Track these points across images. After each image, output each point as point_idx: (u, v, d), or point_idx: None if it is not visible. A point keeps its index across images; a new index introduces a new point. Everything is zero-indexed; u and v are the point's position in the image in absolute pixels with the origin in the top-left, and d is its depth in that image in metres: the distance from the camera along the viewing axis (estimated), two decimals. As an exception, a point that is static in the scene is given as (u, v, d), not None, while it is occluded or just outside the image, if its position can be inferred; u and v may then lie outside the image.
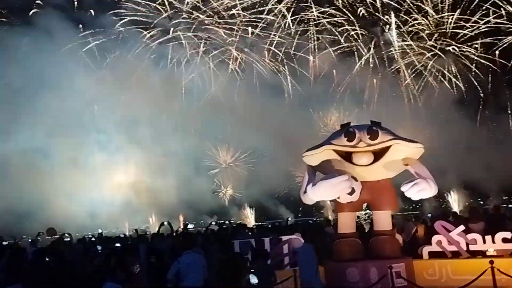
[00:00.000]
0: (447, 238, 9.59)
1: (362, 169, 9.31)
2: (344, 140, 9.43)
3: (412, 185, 8.62)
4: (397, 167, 9.48)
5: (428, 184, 8.66)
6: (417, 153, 9.48)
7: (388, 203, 9.66)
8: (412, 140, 9.55)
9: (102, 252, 10.19)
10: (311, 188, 9.00)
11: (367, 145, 9.32)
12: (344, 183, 8.76)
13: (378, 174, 9.51)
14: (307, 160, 9.78)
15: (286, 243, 9.84)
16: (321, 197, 9.47)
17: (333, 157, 9.48)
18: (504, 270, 8.29)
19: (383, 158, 9.30)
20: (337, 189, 8.87)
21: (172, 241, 11.03)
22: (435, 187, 8.85)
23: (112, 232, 20.79)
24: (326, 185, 8.85)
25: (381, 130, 9.44)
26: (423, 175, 8.88)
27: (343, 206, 9.54)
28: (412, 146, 9.42)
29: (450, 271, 9.40)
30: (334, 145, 9.52)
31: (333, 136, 9.79)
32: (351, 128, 9.57)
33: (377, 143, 9.31)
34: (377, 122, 9.69)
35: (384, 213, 9.69)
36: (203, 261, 7.32)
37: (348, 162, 9.36)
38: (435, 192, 9.01)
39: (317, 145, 9.84)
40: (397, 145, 9.30)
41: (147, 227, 25.10)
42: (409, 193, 8.75)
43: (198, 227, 19.56)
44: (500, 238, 9.31)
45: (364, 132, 9.37)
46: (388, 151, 9.29)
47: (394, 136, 9.49)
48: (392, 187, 9.72)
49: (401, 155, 9.38)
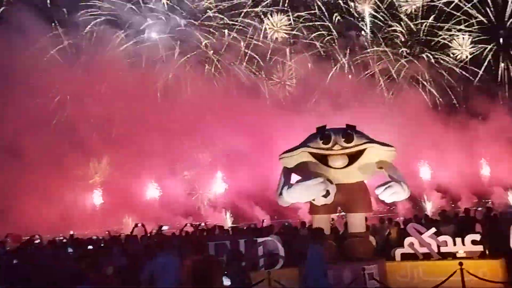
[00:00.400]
0: (419, 240, 9.80)
1: (337, 172, 9.47)
2: (320, 143, 9.56)
3: (386, 188, 8.82)
4: (371, 170, 9.66)
5: (401, 187, 8.87)
6: (390, 156, 9.68)
7: (362, 206, 9.83)
8: (385, 143, 9.75)
9: (74, 255, 10.00)
10: (286, 190, 9.08)
11: (342, 148, 9.48)
12: (319, 185, 8.90)
13: (353, 177, 9.68)
14: (284, 162, 9.86)
15: (261, 245, 9.89)
16: (296, 199, 9.56)
17: (309, 159, 9.62)
18: (472, 272, 8.53)
19: (358, 161, 9.48)
20: (312, 191, 9.00)
21: (146, 242, 10.91)
22: (408, 190, 9.07)
23: (84, 234, 20.38)
24: (302, 187, 8.97)
25: (356, 134, 9.62)
26: (396, 178, 9.08)
27: (318, 208, 9.65)
28: (385, 150, 9.62)
29: (422, 272, 9.60)
30: (310, 147, 9.66)
31: (309, 138, 9.90)
32: (327, 131, 9.71)
33: (352, 146, 9.48)
34: (352, 125, 9.85)
35: (358, 215, 9.86)
36: (177, 263, 7.28)
37: (323, 165, 9.51)
38: (408, 195, 9.23)
39: (294, 147, 9.94)
40: (371, 148, 9.50)
41: (121, 229, 24.74)
42: (383, 196, 8.95)
43: (173, 228, 19.39)
44: (470, 240, 9.57)
45: (339, 136, 9.53)
46: (362, 154, 9.48)
47: (369, 139, 9.69)
48: (366, 190, 9.89)
49: (375, 158, 9.57)
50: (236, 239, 10.04)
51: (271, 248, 9.86)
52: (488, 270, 8.98)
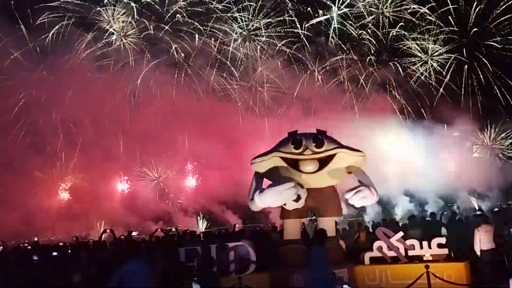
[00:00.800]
0: (387, 244, 10.02)
1: (308, 177, 9.58)
2: (291, 148, 9.66)
3: (355, 193, 8.99)
4: (341, 175, 9.83)
5: (370, 192, 9.06)
6: (360, 161, 9.87)
7: (332, 210, 9.97)
8: (355, 149, 9.94)
9: (39, 262, 9.74)
10: (258, 195, 9.13)
11: (313, 153, 9.60)
12: (290, 190, 8.98)
13: (323, 181, 9.81)
14: (255, 167, 9.91)
15: (232, 249, 9.90)
16: (267, 204, 9.62)
17: (281, 164, 9.70)
18: (438, 274, 8.80)
19: (328, 166, 9.62)
20: (283, 196, 9.08)
21: (115, 249, 10.74)
22: (377, 195, 9.27)
23: (50, 239, 19.83)
24: (273, 192, 9.03)
25: (326, 139, 9.77)
26: (365, 182, 9.27)
27: (289, 212, 9.74)
28: (355, 155, 9.81)
29: (390, 275, 9.81)
30: (281, 152, 9.74)
31: (280, 143, 9.98)
32: (298, 136, 9.83)
33: (322, 151, 9.62)
34: (323, 131, 10.00)
35: (328, 219, 9.99)
36: (146, 270, 7.19)
37: (294, 170, 9.61)
38: (376, 199, 9.45)
39: (265, 152, 10.00)
40: (341, 153, 9.66)
41: (88, 234, 24.19)
42: (352, 200, 9.12)
43: (143, 234, 19.11)
44: (436, 243, 9.86)
45: (310, 140, 9.66)
46: (332, 159, 9.62)
47: (339, 145, 9.85)
48: (336, 194, 10.05)
49: (345, 163, 9.74)
50: (207, 245, 10.01)
51: (242, 253, 9.88)
52: (453, 273, 9.27)
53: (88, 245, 12.11)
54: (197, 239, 12.87)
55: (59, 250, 11.83)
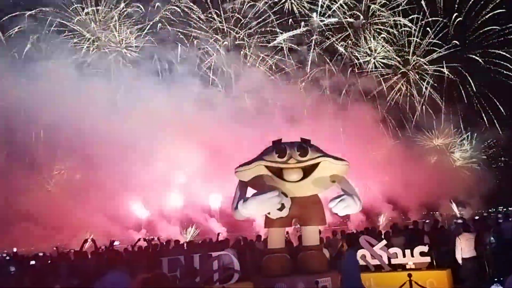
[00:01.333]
0: (370, 252, 10.09)
1: (292, 185, 9.59)
2: (275, 157, 9.67)
3: (339, 201, 9.02)
4: (325, 183, 9.86)
5: (353, 200, 9.11)
6: (343, 170, 9.92)
7: (316, 219, 9.97)
8: (339, 158, 9.98)
9: (16, 273, 9.53)
10: (242, 204, 9.09)
11: (297, 162, 9.62)
12: (274, 199, 8.97)
13: (307, 190, 9.83)
14: (239, 175, 9.89)
15: (216, 259, 9.85)
16: (252, 213, 9.60)
17: (265, 173, 9.69)
18: (420, 283, 8.88)
19: (312, 175, 9.65)
20: (267, 204, 9.06)
21: (96, 259, 10.58)
22: (360, 203, 9.33)
23: (29, 250, 19.38)
24: (257, 201, 9.01)
25: (310, 148, 9.81)
26: (349, 191, 9.33)
27: (273, 221, 9.72)
28: (339, 164, 9.85)
29: (373, 284, 9.88)
30: (265, 161, 9.74)
31: (264, 152, 9.98)
32: (282, 145, 9.84)
33: (306, 160, 9.64)
34: (307, 139, 10.04)
35: (312, 228, 10.00)
36: (128, 281, 7.08)
37: (278, 178, 9.62)
38: (360, 208, 9.49)
39: (249, 161, 9.98)
40: (325, 162, 9.70)
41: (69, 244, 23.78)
42: (336, 209, 9.15)
43: (125, 243, 18.83)
44: (418, 252, 9.98)
45: (294, 149, 9.68)
46: (316, 168, 9.66)
47: (323, 153, 9.89)
48: (320, 203, 10.06)
49: (329, 172, 9.78)
50: (190, 254, 9.94)
51: (226, 262, 9.83)
52: (435, 281, 9.39)
53: (68, 256, 11.91)
54: (181, 249, 12.75)
55: (38, 261, 11.61)
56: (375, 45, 32.19)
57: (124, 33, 32.21)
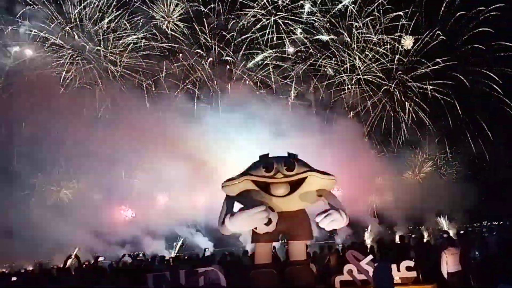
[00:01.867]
0: (357, 267, 10.15)
1: (279, 200, 9.62)
2: (263, 171, 9.71)
3: (325, 216, 9.07)
4: (311, 198, 9.91)
5: (340, 215, 9.16)
6: (330, 184, 10.01)
7: (303, 233, 9.99)
8: (326, 172, 10.06)
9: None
10: (228, 219, 9.07)
11: (284, 176, 9.67)
12: (261, 213, 8.97)
13: (294, 205, 9.86)
14: (226, 190, 9.89)
15: (202, 275, 9.79)
16: (238, 228, 9.55)
17: (252, 187, 9.70)
18: (407, 297, 8.97)
19: (299, 189, 9.69)
20: (254, 219, 9.05)
21: (80, 275, 10.44)
22: (347, 218, 9.38)
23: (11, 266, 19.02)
24: (244, 216, 9.00)
25: (297, 162, 9.88)
26: (336, 206, 9.40)
27: (259, 236, 9.70)
28: (325, 178, 9.92)
29: (360, 299, 9.92)
30: (252, 175, 9.76)
31: (251, 166, 10.02)
32: (269, 159, 9.91)
33: (293, 174, 9.69)
34: (294, 154, 10.12)
35: (299, 243, 10.01)
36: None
37: (265, 193, 9.63)
38: (346, 223, 9.54)
39: (236, 175, 10.00)
40: (312, 177, 9.76)
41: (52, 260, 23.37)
42: (323, 224, 9.19)
43: (110, 259, 18.60)
44: (404, 266, 10.07)
45: (281, 164, 9.74)
46: (303, 183, 9.72)
47: (309, 168, 9.96)
48: (307, 218, 10.10)
49: (316, 186, 9.85)
50: (176, 270, 9.87)
51: (212, 278, 9.78)
52: (421, 295, 9.47)
53: (51, 272, 11.73)
54: (166, 264, 12.65)
55: (20, 277, 11.41)
56: (358, 63, 32.79)
57: (109, 48, 32.24)
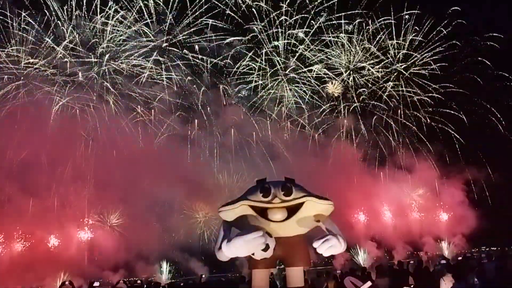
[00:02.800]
0: (355, 294, 10.16)
1: (276, 225, 9.66)
2: (260, 196, 9.78)
3: (323, 241, 9.15)
4: (309, 223, 9.96)
5: (338, 241, 9.25)
6: (328, 210, 10.08)
7: (300, 259, 10.01)
8: (323, 197, 10.15)
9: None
10: (225, 244, 9.12)
11: (281, 201, 9.74)
12: (258, 239, 9.02)
13: (292, 230, 9.91)
14: (223, 215, 9.94)
15: (199, 302, 9.78)
16: (236, 254, 9.58)
17: (249, 212, 9.76)
18: (406, 324, 8.97)
19: (297, 215, 9.76)
20: (251, 245, 9.09)
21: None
22: (345, 243, 9.47)
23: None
24: (241, 241, 9.04)
25: (294, 187, 9.97)
26: (333, 231, 9.47)
27: (257, 262, 9.72)
28: (323, 203, 10.01)
29: (358, 326, 9.88)
30: (249, 200, 9.83)
31: (249, 191, 10.10)
32: (267, 184, 9.98)
33: (291, 199, 9.77)
34: (291, 178, 10.22)
35: (297, 269, 10.03)
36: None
37: (263, 218, 9.69)
38: (344, 248, 9.61)
39: (233, 200, 10.08)
40: (309, 201, 9.84)
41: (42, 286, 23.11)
42: (320, 249, 9.25)
43: (104, 285, 18.41)
44: (403, 292, 10.09)
45: (278, 188, 9.83)
46: (301, 208, 9.79)
47: (307, 193, 10.05)
48: (304, 243, 10.14)
49: (313, 211, 9.91)
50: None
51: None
52: (420, 322, 9.46)
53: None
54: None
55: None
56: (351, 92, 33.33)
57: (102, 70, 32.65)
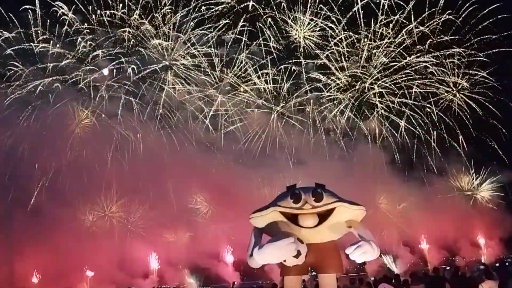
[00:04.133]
0: (390, 301, 10.11)
1: (307, 231, 9.73)
2: (290, 202, 9.87)
3: (356, 248, 9.15)
4: (341, 229, 10.00)
5: (371, 247, 9.23)
6: (360, 215, 10.10)
7: (333, 266, 10.03)
8: (355, 202, 10.16)
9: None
10: (257, 251, 9.23)
11: (312, 207, 9.80)
12: (290, 245, 9.11)
13: (323, 236, 9.96)
14: (254, 222, 10.08)
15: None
16: (267, 260, 9.68)
17: (280, 219, 9.86)
18: (444, 332, 8.88)
19: (328, 220, 9.81)
20: (283, 251, 9.17)
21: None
22: (378, 249, 9.43)
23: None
24: (272, 248, 9.14)
25: (325, 193, 10.02)
26: (366, 237, 9.46)
27: (289, 269, 9.78)
28: (355, 209, 10.03)
29: (394, 334, 9.83)
30: (280, 207, 9.93)
31: (279, 197, 10.20)
32: (297, 190, 10.06)
33: (322, 205, 9.83)
34: (321, 184, 10.27)
35: (329, 276, 10.04)
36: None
37: (294, 224, 9.77)
38: (377, 254, 9.58)
39: (263, 207, 10.19)
40: (341, 207, 9.88)
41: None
42: (353, 256, 9.26)
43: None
44: (440, 300, 9.98)
45: (309, 194, 9.89)
46: (332, 213, 9.84)
47: (338, 198, 10.08)
48: (337, 250, 10.17)
49: (345, 217, 9.95)
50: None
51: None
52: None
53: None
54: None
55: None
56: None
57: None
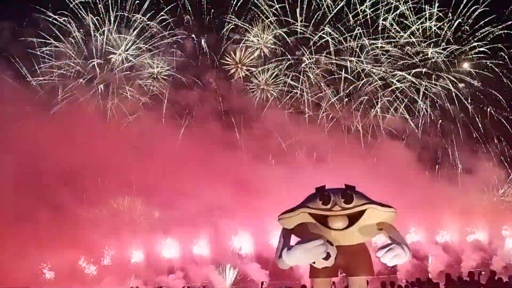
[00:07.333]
0: (422, 305, 10.30)
1: (337, 233, 9.96)
2: (319, 204, 10.11)
3: (387, 251, 9.34)
4: (371, 231, 10.20)
5: (402, 250, 9.40)
6: (390, 217, 10.27)
7: (363, 268, 10.24)
8: (385, 204, 10.33)
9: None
10: (286, 253, 9.50)
11: (342, 209, 10.03)
12: (319, 247, 9.33)
13: (353, 239, 10.18)
14: (283, 223, 10.37)
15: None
16: (296, 262, 9.95)
17: (309, 220, 10.12)
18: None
19: (358, 222, 10.02)
20: (312, 253, 9.41)
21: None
22: (410, 252, 9.60)
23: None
24: (301, 250, 9.39)
25: (355, 194, 10.22)
26: (397, 240, 9.64)
27: (318, 271, 10.04)
28: (386, 211, 10.20)
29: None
30: (309, 208, 10.18)
31: (308, 199, 10.45)
32: (326, 192, 10.29)
33: (351, 207, 10.04)
34: (351, 186, 10.48)
35: (360, 278, 10.26)
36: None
37: (323, 226, 10.02)
38: (409, 258, 9.75)
39: (292, 208, 10.46)
40: (371, 209, 10.07)
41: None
42: (384, 259, 9.45)
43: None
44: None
45: (338, 196, 10.12)
46: (363, 215, 10.05)
47: (368, 200, 10.28)
48: (367, 252, 10.37)
49: (376, 219, 10.13)
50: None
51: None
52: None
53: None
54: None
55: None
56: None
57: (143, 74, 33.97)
